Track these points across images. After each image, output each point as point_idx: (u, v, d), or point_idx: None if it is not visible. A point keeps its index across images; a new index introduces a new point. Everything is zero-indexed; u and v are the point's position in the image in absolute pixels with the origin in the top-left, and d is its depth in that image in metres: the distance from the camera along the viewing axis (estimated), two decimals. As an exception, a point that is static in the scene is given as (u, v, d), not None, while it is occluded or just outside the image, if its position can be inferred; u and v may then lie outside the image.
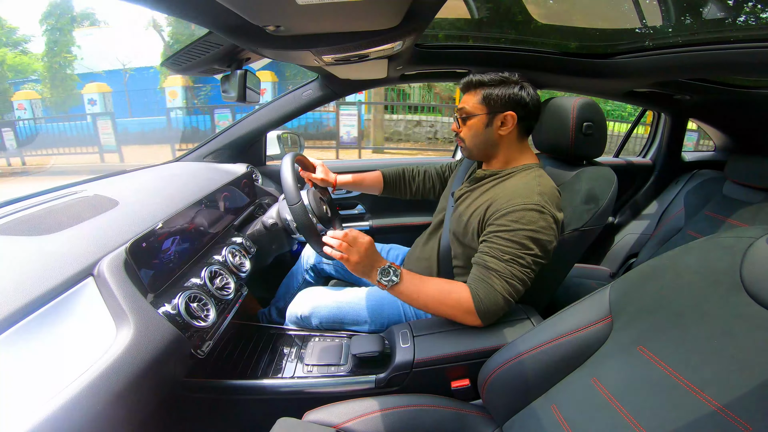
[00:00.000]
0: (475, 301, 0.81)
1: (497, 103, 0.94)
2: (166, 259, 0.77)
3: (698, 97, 1.61)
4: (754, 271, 0.48)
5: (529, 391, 0.70)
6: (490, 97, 0.94)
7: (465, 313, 0.83)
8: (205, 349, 0.75)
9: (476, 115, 0.96)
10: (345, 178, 1.26)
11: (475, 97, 0.96)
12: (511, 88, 0.94)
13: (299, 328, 1.06)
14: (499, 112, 0.94)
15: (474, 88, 0.97)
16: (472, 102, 0.97)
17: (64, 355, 0.53)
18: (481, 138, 0.98)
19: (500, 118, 0.94)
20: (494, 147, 0.99)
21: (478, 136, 0.98)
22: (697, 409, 0.46)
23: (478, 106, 0.96)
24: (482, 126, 0.96)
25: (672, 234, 1.57)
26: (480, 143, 0.99)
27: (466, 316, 0.83)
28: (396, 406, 0.76)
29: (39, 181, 6.76)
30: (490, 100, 0.94)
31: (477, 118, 0.96)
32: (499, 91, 0.94)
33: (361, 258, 0.83)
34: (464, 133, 1.00)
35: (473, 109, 0.96)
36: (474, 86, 0.97)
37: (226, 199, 1.11)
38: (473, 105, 0.96)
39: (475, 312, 0.82)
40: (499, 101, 0.94)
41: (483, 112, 0.96)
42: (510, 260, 0.82)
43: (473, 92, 0.97)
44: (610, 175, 0.98)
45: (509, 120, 0.94)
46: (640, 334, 0.57)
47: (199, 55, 0.97)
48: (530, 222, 0.83)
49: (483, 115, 0.96)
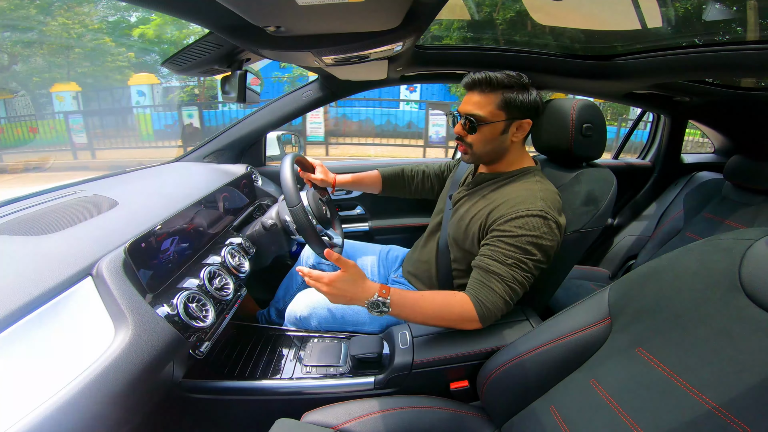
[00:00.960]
0: (477, 308, 0.80)
1: (518, 110, 0.88)
2: (165, 259, 0.77)
3: (698, 99, 1.61)
4: (752, 273, 0.48)
5: (528, 392, 0.70)
6: (513, 102, 0.87)
7: (466, 322, 0.82)
8: (203, 349, 0.75)
9: (494, 122, 0.88)
10: (344, 178, 1.25)
11: (491, 99, 0.87)
12: (530, 94, 0.88)
13: (298, 328, 1.06)
14: (518, 119, 0.89)
15: (491, 89, 0.87)
16: (489, 106, 0.87)
17: (62, 355, 0.52)
18: (493, 145, 0.91)
19: (517, 124, 0.89)
20: (503, 153, 0.94)
21: (491, 143, 0.91)
22: (696, 411, 0.46)
23: (496, 112, 0.87)
24: (497, 133, 0.89)
25: (671, 236, 1.57)
26: (490, 150, 0.92)
27: (468, 324, 0.83)
28: (395, 407, 0.76)
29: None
30: (512, 106, 0.87)
31: (495, 125, 0.88)
32: (522, 96, 0.87)
33: (334, 298, 0.77)
34: (473, 139, 0.91)
35: (490, 115, 0.88)
36: (492, 87, 0.87)
37: (225, 199, 1.11)
38: (490, 110, 0.88)
39: (477, 318, 0.81)
40: (521, 108, 0.88)
41: (501, 118, 0.88)
42: (513, 264, 0.81)
43: (489, 94, 0.88)
44: (610, 177, 0.98)
45: (525, 127, 0.91)
46: (639, 336, 0.57)
47: (199, 56, 0.97)
48: (534, 228, 0.82)
49: (501, 122, 0.88)
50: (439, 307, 0.81)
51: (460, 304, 0.81)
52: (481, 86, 0.88)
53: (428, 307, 0.81)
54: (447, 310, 0.81)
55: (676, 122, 1.84)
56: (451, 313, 0.81)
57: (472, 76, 0.89)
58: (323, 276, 0.77)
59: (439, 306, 0.81)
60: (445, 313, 0.81)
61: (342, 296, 0.77)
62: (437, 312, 0.81)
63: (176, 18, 0.82)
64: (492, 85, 0.87)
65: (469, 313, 0.80)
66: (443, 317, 0.81)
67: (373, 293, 0.77)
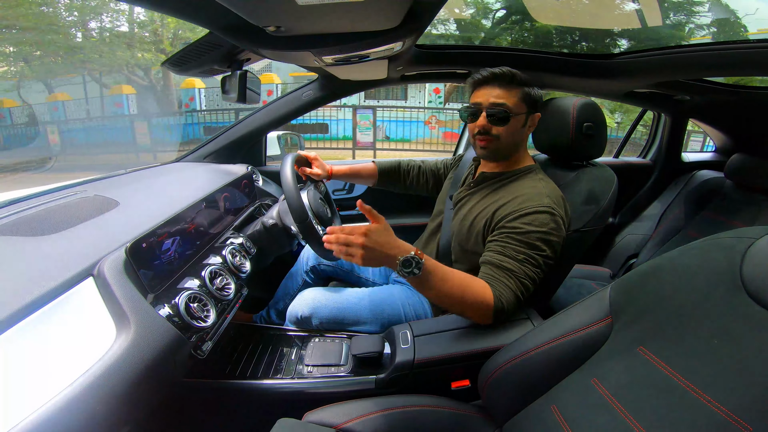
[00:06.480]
0: (495, 300, 0.79)
1: (534, 104, 0.94)
2: (167, 259, 0.77)
3: (698, 98, 1.61)
4: (754, 272, 0.48)
5: (530, 391, 0.70)
6: (530, 96, 0.92)
7: (481, 311, 0.80)
8: (205, 349, 0.75)
9: (520, 114, 0.92)
10: (341, 169, 1.26)
11: (515, 93, 0.91)
12: (536, 89, 0.94)
13: (299, 328, 1.06)
14: (533, 113, 0.95)
15: (515, 83, 0.91)
16: (514, 98, 0.91)
17: (64, 355, 0.52)
18: (515, 138, 0.94)
19: (532, 118, 0.95)
20: (519, 147, 0.97)
21: (515, 135, 0.94)
22: (698, 410, 0.46)
23: (520, 104, 0.92)
24: (520, 126, 0.94)
25: (672, 234, 1.57)
26: (512, 144, 0.95)
27: (480, 315, 0.81)
28: (396, 407, 0.76)
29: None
30: (531, 100, 0.93)
31: (519, 117, 0.92)
32: (535, 91, 0.93)
33: (368, 252, 0.70)
34: (502, 131, 0.92)
35: (516, 107, 0.91)
36: (515, 81, 0.91)
37: (226, 199, 1.11)
38: (516, 102, 0.91)
39: (492, 308, 0.79)
40: (536, 102, 0.94)
41: (523, 111, 0.93)
42: (524, 260, 0.82)
43: (513, 88, 0.91)
44: (611, 176, 0.98)
45: (536, 121, 0.96)
46: (641, 335, 0.57)
47: (199, 56, 0.98)
48: (542, 224, 0.83)
49: (523, 114, 0.93)
50: (463, 286, 0.78)
51: (482, 290, 0.79)
52: (505, 80, 0.91)
53: (454, 282, 0.78)
54: (469, 292, 0.78)
55: (677, 121, 1.84)
56: (471, 296, 0.78)
57: (492, 70, 0.91)
58: (357, 227, 0.71)
59: (464, 285, 0.78)
60: (466, 294, 0.78)
61: (378, 249, 0.71)
62: (460, 291, 0.78)
63: (176, 18, 0.82)
64: (515, 79, 0.91)
65: (487, 301, 0.79)
66: (463, 299, 0.78)
67: (410, 250, 0.73)
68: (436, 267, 0.77)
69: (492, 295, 0.79)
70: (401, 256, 0.72)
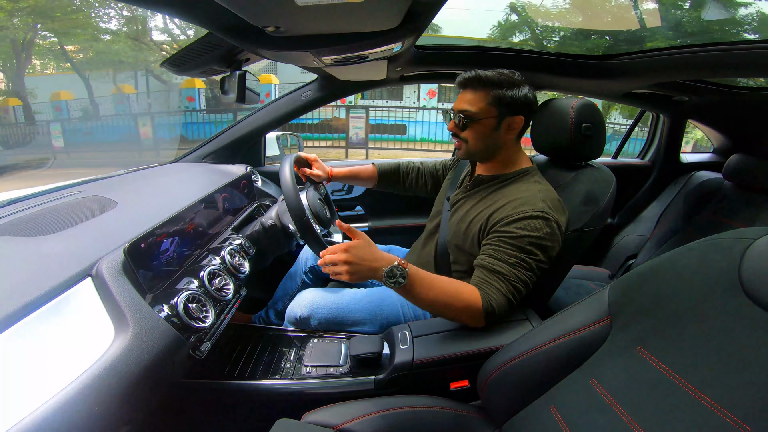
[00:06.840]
0: (483, 303, 0.80)
1: (509, 106, 0.90)
2: (165, 259, 0.77)
3: (697, 99, 1.61)
4: (752, 272, 0.48)
5: (529, 391, 0.70)
6: (502, 99, 0.89)
7: (471, 315, 0.82)
8: (203, 350, 0.75)
9: (486, 118, 0.90)
10: (340, 171, 1.26)
11: (482, 96, 0.90)
12: (521, 90, 0.90)
13: (298, 329, 1.06)
14: (509, 116, 0.91)
15: (482, 86, 0.90)
16: (481, 103, 0.90)
17: (62, 355, 0.52)
18: (487, 142, 0.93)
19: (509, 121, 0.91)
20: (497, 150, 0.96)
21: (484, 140, 0.93)
22: (696, 410, 0.46)
23: (487, 108, 0.90)
24: (490, 129, 0.92)
25: (671, 235, 1.57)
26: (484, 147, 0.94)
27: (472, 319, 0.83)
28: (395, 407, 0.76)
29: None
30: (503, 103, 0.89)
31: (486, 121, 0.91)
32: (512, 92, 0.89)
33: (353, 267, 0.74)
34: (468, 135, 0.93)
35: (482, 111, 0.90)
36: (482, 84, 0.90)
37: (225, 200, 1.11)
38: (482, 107, 0.90)
39: (482, 314, 0.81)
40: (512, 104, 0.90)
41: (493, 115, 0.90)
42: (516, 264, 0.82)
43: (480, 91, 0.90)
44: (609, 177, 0.98)
45: (517, 123, 0.92)
46: (639, 335, 0.57)
47: (199, 56, 0.97)
48: (536, 229, 0.83)
49: (492, 118, 0.90)
50: (450, 292, 0.80)
51: (470, 294, 0.81)
52: (473, 84, 0.91)
53: (440, 289, 0.79)
54: (456, 297, 0.80)
55: (675, 122, 1.84)
56: (459, 301, 0.80)
57: (463, 75, 0.93)
58: (338, 246, 0.74)
59: (450, 291, 0.80)
60: (454, 300, 0.80)
61: (362, 264, 0.74)
62: (447, 297, 0.79)
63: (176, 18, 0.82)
64: (482, 82, 0.90)
65: (476, 305, 0.80)
66: (451, 304, 0.80)
67: (393, 261, 0.75)
68: (421, 275, 0.78)
69: (480, 298, 0.80)
70: (385, 267, 0.74)
